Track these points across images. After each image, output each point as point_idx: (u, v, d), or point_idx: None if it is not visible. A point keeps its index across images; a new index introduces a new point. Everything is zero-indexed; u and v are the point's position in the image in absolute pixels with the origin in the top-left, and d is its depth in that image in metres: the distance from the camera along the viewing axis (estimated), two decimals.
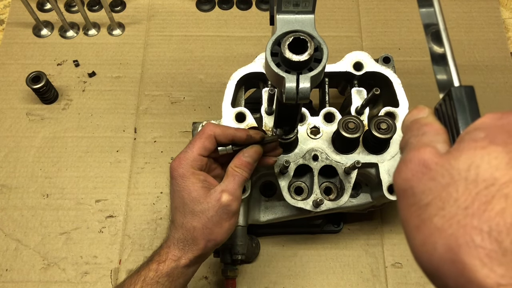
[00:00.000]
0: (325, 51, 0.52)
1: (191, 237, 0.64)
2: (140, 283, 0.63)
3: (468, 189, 0.33)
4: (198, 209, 0.63)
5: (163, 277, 0.64)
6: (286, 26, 0.52)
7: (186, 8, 1.20)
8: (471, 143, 0.35)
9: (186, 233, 0.64)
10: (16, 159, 1.02)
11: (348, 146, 0.77)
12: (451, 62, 0.44)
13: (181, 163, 0.64)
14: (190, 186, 0.64)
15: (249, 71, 0.82)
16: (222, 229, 0.64)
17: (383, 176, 0.76)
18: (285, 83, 0.51)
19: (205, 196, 0.63)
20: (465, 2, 1.19)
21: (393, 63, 0.84)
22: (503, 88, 1.09)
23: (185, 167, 0.64)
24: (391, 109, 0.79)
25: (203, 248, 0.64)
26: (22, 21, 1.17)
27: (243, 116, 0.80)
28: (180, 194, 0.64)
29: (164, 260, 0.64)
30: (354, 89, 0.82)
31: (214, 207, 0.63)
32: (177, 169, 0.64)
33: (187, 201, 0.64)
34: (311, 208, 0.75)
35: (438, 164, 0.36)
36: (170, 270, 0.64)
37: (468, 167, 0.34)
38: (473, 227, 0.32)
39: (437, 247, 0.34)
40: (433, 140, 0.39)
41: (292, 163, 0.76)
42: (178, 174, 0.64)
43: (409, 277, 0.92)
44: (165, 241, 0.66)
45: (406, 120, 0.44)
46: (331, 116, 0.80)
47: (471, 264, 0.31)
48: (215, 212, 0.63)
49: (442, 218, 0.34)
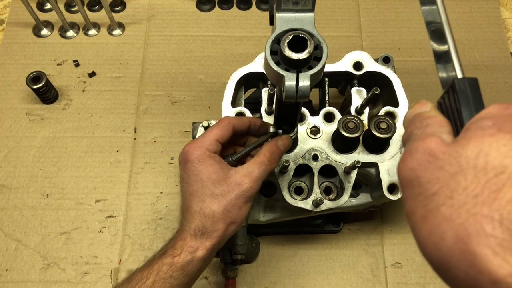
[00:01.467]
0: (325, 49, 0.52)
1: (210, 222, 0.61)
2: (152, 277, 0.60)
3: (477, 177, 0.32)
4: (218, 192, 0.61)
5: (178, 271, 0.61)
6: (286, 24, 0.52)
7: (186, 8, 1.20)
8: (478, 131, 0.34)
9: (205, 220, 0.61)
10: (16, 159, 1.02)
11: (348, 146, 0.77)
12: (454, 56, 0.43)
13: (198, 146, 0.63)
14: (210, 168, 0.62)
15: (249, 71, 0.82)
16: (241, 212, 0.62)
17: (383, 175, 0.76)
18: (285, 81, 0.51)
19: (225, 178, 0.62)
20: (465, 2, 1.19)
21: (393, 63, 0.84)
22: (503, 88, 1.09)
23: (202, 149, 0.62)
24: (391, 108, 0.80)
25: (222, 233, 0.62)
26: (22, 21, 1.17)
27: (243, 115, 0.80)
28: (198, 178, 0.62)
29: (179, 253, 0.62)
30: (354, 88, 0.82)
31: (234, 190, 0.61)
32: (193, 152, 0.62)
33: (208, 183, 0.61)
34: (311, 208, 0.75)
35: (445, 153, 0.35)
36: (185, 263, 0.61)
37: (476, 154, 0.33)
38: (483, 216, 0.31)
39: (445, 237, 0.33)
40: (437, 131, 0.38)
41: (292, 162, 0.76)
42: (195, 157, 0.62)
43: (409, 277, 0.92)
44: (179, 233, 0.63)
45: (409, 115, 0.43)
46: (331, 116, 0.80)
47: (482, 254, 0.30)
48: (235, 195, 0.61)
49: (451, 207, 0.33)
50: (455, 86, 0.40)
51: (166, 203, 0.98)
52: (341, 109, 0.88)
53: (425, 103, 0.43)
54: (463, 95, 0.39)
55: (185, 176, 0.64)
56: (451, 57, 0.43)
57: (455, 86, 0.40)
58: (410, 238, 0.94)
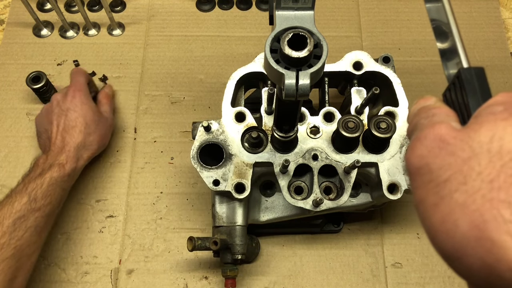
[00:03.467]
0: (325, 47, 0.52)
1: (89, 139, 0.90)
2: (46, 183, 0.80)
3: (492, 162, 0.31)
4: None
5: (65, 177, 0.83)
6: (286, 22, 0.52)
7: (186, 8, 1.20)
8: (490, 116, 0.34)
9: (85, 138, 0.89)
10: (16, 159, 1.02)
11: (348, 146, 0.77)
12: (459, 46, 0.42)
13: None
14: None
15: (249, 71, 0.82)
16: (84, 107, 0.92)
17: (383, 175, 0.76)
18: (285, 80, 0.50)
19: None
20: (465, 2, 1.19)
21: (393, 62, 0.84)
22: (503, 88, 1.09)
23: None
24: (391, 108, 0.79)
25: None
26: (22, 21, 1.17)
27: (243, 115, 0.80)
28: None
29: (66, 162, 0.83)
30: (354, 88, 0.82)
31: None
32: None
33: None
34: (311, 208, 0.75)
35: (457, 138, 0.34)
36: (71, 171, 0.84)
37: (490, 139, 0.32)
38: (500, 201, 0.29)
39: (459, 224, 0.31)
40: (445, 119, 0.38)
41: (292, 162, 0.76)
42: None
43: (409, 277, 0.92)
44: (61, 149, 0.86)
45: (413, 109, 0.43)
46: (331, 115, 0.80)
47: (501, 241, 0.29)
48: None
49: (465, 193, 0.32)
50: (461, 76, 0.38)
51: (166, 203, 0.98)
52: (341, 109, 0.88)
53: (429, 97, 0.42)
54: (469, 85, 0.38)
55: None
56: (456, 48, 0.42)
57: (461, 76, 0.38)
58: (410, 238, 0.94)
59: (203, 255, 0.93)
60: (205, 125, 0.78)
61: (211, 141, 0.79)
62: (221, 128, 0.79)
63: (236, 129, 0.79)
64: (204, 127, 0.78)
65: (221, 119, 0.80)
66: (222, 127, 0.80)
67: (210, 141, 0.79)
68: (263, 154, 0.78)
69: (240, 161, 0.77)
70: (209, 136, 0.79)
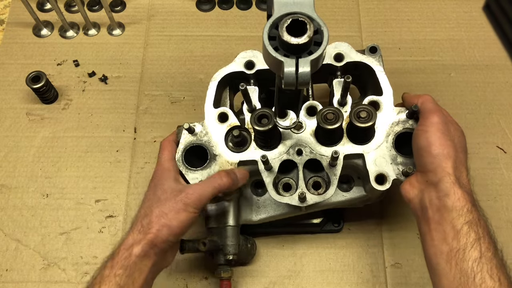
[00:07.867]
0: (326, 33, 0.50)
1: (147, 222, 0.69)
2: (98, 281, 0.66)
3: None
4: (164, 197, 0.70)
5: (119, 269, 0.66)
6: (284, 8, 0.50)
7: (186, 8, 1.20)
8: None
9: (144, 220, 0.69)
10: (16, 159, 1.02)
11: (331, 138, 0.76)
12: None
13: None
14: None
15: (229, 71, 0.82)
16: (178, 216, 0.69)
17: (369, 166, 0.75)
18: (284, 67, 0.49)
19: (177, 189, 0.72)
20: (465, 2, 1.19)
21: (380, 52, 0.83)
22: (503, 88, 1.09)
23: None
24: (374, 97, 0.79)
25: (155, 232, 0.67)
26: (22, 21, 1.17)
27: (225, 116, 0.80)
28: None
29: (118, 252, 0.68)
30: (336, 80, 0.81)
31: (176, 196, 0.70)
32: None
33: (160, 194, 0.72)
34: (297, 203, 0.74)
35: None
36: (124, 260, 0.67)
37: None
38: None
39: None
40: None
41: (276, 159, 0.76)
42: None
43: (409, 277, 0.92)
44: None
45: None
46: (314, 109, 0.79)
47: None
48: (174, 200, 0.69)
49: None
50: None
51: None
52: (329, 103, 0.88)
53: None
54: None
55: None
56: None
57: None
58: (410, 238, 0.94)
59: (203, 256, 0.93)
60: (186, 127, 0.77)
61: (195, 143, 0.78)
62: (205, 130, 0.79)
63: (219, 130, 0.79)
64: (186, 129, 0.78)
65: (204, 121, 0.80)
66: (205, 128, 0.79)
67: (194, 143, 0.78)
68: (246, 153, 0.77)
69: (224, 160, 0.77)
70: (193, 138, 0.79)
